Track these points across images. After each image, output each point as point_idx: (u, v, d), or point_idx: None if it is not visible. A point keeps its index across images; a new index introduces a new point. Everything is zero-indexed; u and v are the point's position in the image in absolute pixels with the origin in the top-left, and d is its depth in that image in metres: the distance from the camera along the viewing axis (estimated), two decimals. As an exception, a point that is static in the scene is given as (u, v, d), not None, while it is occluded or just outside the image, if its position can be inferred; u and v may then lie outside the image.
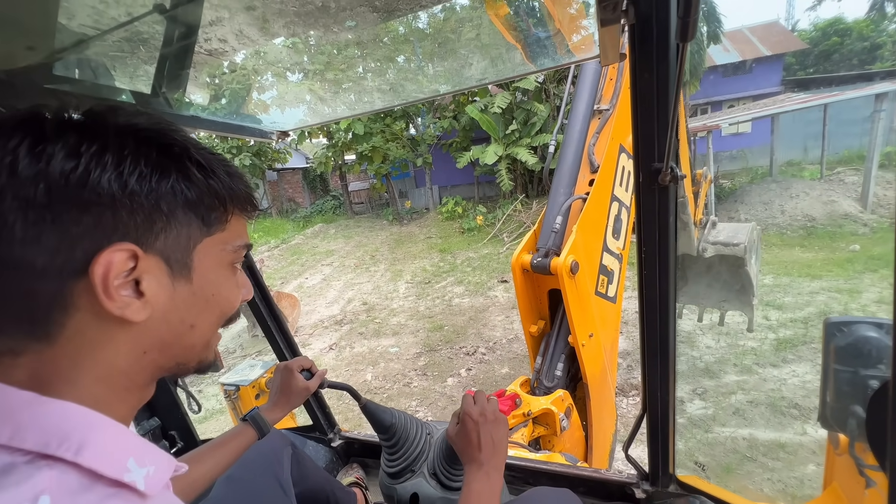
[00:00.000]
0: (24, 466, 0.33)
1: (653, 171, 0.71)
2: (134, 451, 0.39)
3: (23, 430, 0.34)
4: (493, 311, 6.43)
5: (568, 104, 2.12)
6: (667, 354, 0.90)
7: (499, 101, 10.34)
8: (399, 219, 13.70)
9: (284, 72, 1.42)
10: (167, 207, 0.40)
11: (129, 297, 0.38)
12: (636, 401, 3.95)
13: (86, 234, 0.36)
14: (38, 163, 0.34)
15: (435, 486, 1.06)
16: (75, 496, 0.33)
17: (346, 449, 1.63)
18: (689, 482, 1.07)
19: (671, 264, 0.80)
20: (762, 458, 3.16)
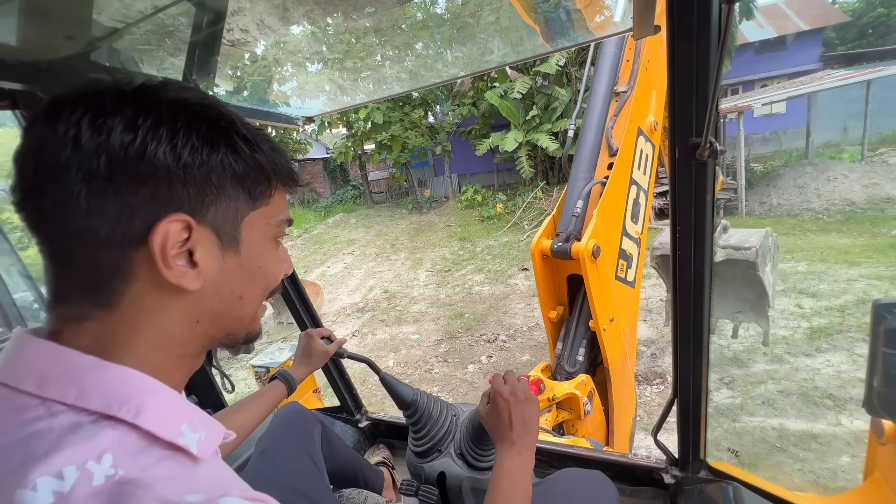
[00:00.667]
0: (88, 425, 0.34)
1: (690, 147, 0.69)
2: (187, 416, 0.40)
3: (87, 391, 0.36)
4: (514, 299, 6.40)
5: (587, 88, 2.08)
6: (700, 338, 0.87)
7: (519, 86, 10.13)
8: (418, 208, 13.72)
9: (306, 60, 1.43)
10: (217, 180, 0.41)
11: (184, 266, 0.40)
12: (661, 389, 3.89)
13: (144, 204, 0.37)
14: (100, 135, 0.36)
15: (462, 466, 1.07)
16: (135, 456, 0.35)
17: (372, 430, 1.67)
18: (720, 468, 1.05)
19: (707, 245, 0.77)
20: (793, 449, 3.08)
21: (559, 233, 1.76)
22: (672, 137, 0.71)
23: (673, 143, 0.71)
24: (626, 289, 1.91)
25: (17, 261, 3.53)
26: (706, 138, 0.66)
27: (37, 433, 0.33)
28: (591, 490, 0.88)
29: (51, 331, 0.39)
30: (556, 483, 0.89)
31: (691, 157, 0.69)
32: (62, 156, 0.35)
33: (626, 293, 1.91)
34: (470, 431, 1.08)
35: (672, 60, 0.65)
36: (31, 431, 0.33)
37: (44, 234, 0.38)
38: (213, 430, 0.42)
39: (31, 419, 0.34)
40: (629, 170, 1.89)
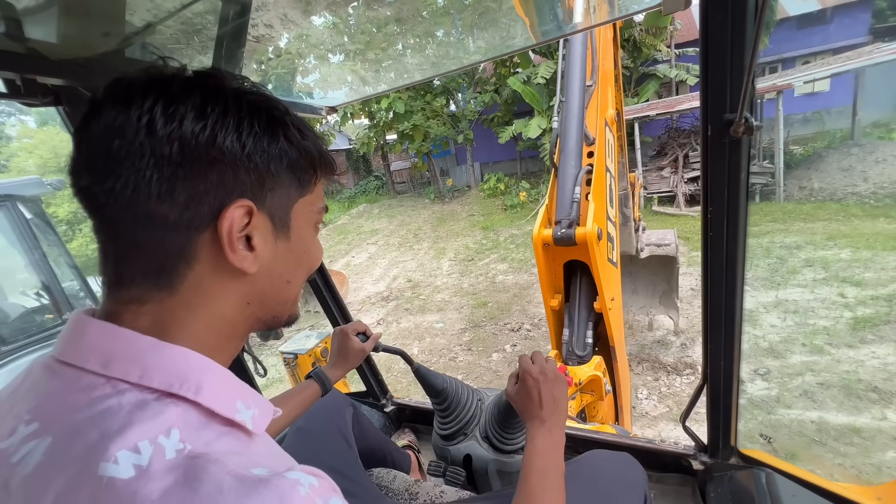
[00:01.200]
0: (154, 402, 0.36)
1: (723, 123, 0.66)
2: (241, 394, 0.42)
3: (150, 371, 0.37)
4: (538, 288, 6.30)
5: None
6: (732, 323, 0.85)
7: (542, 70, 9.88)
8: (441, 197, 13.71)
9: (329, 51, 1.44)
10: (275, 168, 0.42)
11: (244, 250, 0.41)
12: (691, 380, 3.79)
13: (212, 190, 0.39)
14: (173, 122, 0.37)
15: (487, 449, 1.09)
16: (198, 431, 0.36)
17: (397, 414, 1.70)
18: (752, 455, 1.03)
19: (741, 226, 0.75)
20: (833, 443, 2.95)
21: (559, 220, 1.77)
22: (704, 114, 0.69)
23: (705, 119, 0.69)
24: (614, 269, 2.00)
25: (64, 252, 3.76)
26: (741, 113, 0.63)
27: (108, 410, 0.34)
28: (619, 470, 0.88)
29: (109, 312, 0.41)
30: (584, 463, 0.89)
31: (725, 134, 0.66)
32: (136, 141, 0.36)
33: (615, 274, 2.00)
34: (495, 415, 1.09)
35: (705, 32, 0.62)
36: (103, 408, 0.35)
37: (110, 217, 0.39)
38: (264, 407, 0.44)
39: (99, 397, 0.35)
40: (604, 157, 2.00)
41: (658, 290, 4.19)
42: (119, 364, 0.37)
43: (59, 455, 0.33)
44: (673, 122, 10.50)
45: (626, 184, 3.47)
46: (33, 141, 14.64)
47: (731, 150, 0.68)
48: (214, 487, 0.31)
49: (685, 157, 8.96)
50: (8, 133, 18.08)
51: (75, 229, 13.53)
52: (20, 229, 3.28)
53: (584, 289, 1.89)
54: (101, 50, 0.89)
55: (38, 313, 3.47)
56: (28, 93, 0.71)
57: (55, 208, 12.71)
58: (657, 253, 3.76)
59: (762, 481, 0.89)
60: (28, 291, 3.55)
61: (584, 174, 1.85)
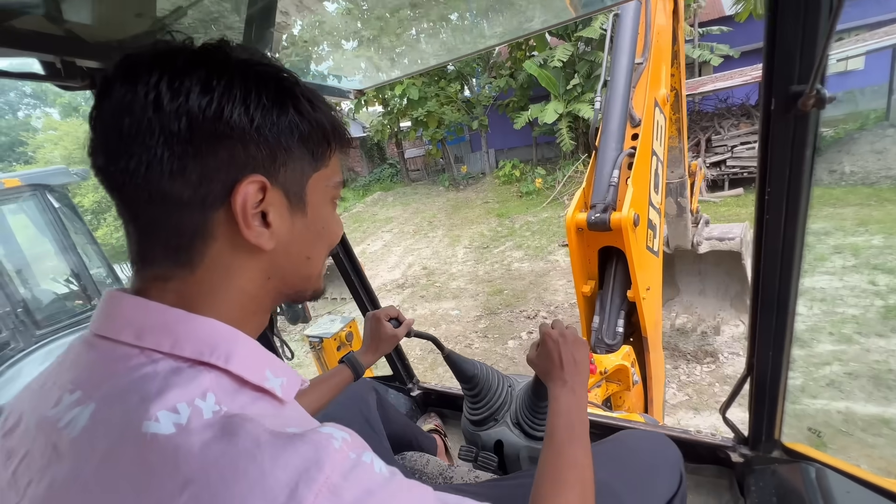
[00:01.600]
0: (188, 369, 0.37)
1: (791, 96, 0.62)
2: (269, 363, 0.43)
3: (181, 341, 0.38)
4: (555, 276, 6.29)
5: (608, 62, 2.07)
6: (785, 310, 0.81)
7: (559, 53, 9.63)
8: (455, 184, 13.62)
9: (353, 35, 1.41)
10: (286, 141, 0.41)
11: (260, 227, 0.41)
12: (711, 368, 3.73)
13: (223, 166, 0.38)
14: (179, 97, 0.36)
15: (518, 435, 1.08)
16: (232, 396, 0.38)
17: (423, 398, 1.71)
18: (797, 449, 0.99)
19: (802, 209, 0.70)
20: (860, 434, 2.88)
21: (594, 204, 1.72)
22: (767, 86, 0.64)
23: (768, 92, 0.64)
24: (654, 258, 1.92)
25: (91, 240, 3.86)
26: (813, 84, 0.58)
27: (145, 376, 0.36)
28: (655, 449, 0.86)
29: (137, 289, 0.41)
30: (618, 443, 0.88)
31: (791, 108, 0.62)
32: (145, 118, 0.36)
33: (654, 263, 1.92)
34: (526, 401, 1.08)
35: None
36: (140, 375, 0.36)
37: (127, 197, 0.40)
38: (291, 375, 0.45)
39: (135, 366, 0.37)
40: (651, 141, 1.90)
41: (730, 291, 3.84)
42: (151, 335, 0.38)
43: (102, 418, 0.35)
44: (695, 105, 10.16)
45: (684, 172, 3.15)
46: (58, 132, 14.98)
47: (797, 126, 0.64)
48: (252, 441, 0.33)
49: (707, 141, 8.69)
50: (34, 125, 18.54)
51: (100, 218, 13.90)
52: (50, 218, 3.37)
53: (618, 276, 1.84)
54: (133, 32, 0.88)
55: (68, 299, 3.59)
56: (68, 75, 0.71)
57: (80, 198, 13.05)
58: (718, 248, 3.43)
59: (811, 476, 0.86)
60: (59, 278, 3.67)
61: (626, 157, 1.78)
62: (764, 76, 0.64)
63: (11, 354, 2.75)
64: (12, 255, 3.44)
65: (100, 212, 13.80)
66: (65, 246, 3.42)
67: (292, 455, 0.32)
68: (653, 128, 1.93)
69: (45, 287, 3.65)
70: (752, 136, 8.11)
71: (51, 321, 3.17)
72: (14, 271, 3.35)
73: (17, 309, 2.94)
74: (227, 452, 0.32)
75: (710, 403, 3.28)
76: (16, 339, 2.87)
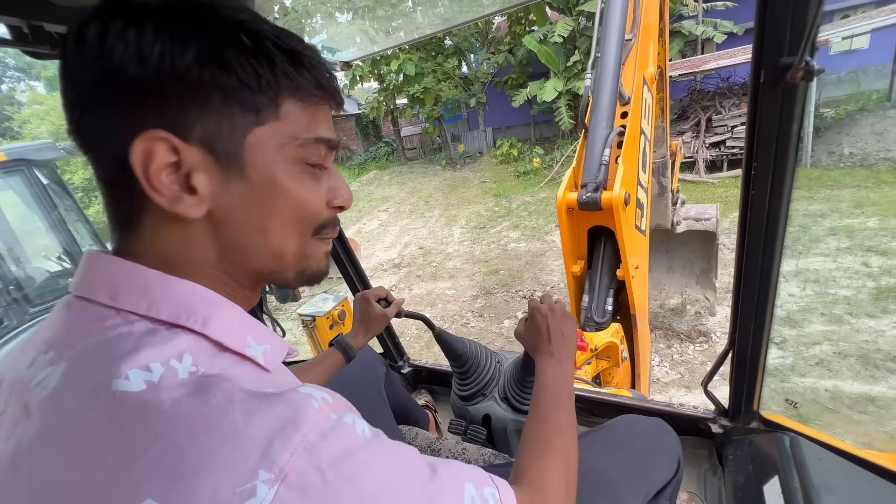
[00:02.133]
0: (164, 331, 0.36)
1: (780, 68, 0.60)
2: (251, 329, 0.41)
3: (157, 302, 0.37)
4: (551, 256, 6.31)
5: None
6: (767, 285, 0.81)
7: (560, 28, 9.38)
8: (452, 164, 13.48)
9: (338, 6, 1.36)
10: (200, 91, 0.35)
11: (179, 191, 0.36)
12: (704, 347, 3.79)
13: (122, 122, 0.35)
14: (82, 46, 0.34)
15: (506, 409, 1.10)
16: (211, 359, 0.37)
17: (414, 376, 1.73)
18: (774, 420, 1.02)
19: (787, 182, 0.70)
20: (846, 411, 2.96)
21: (585, 184, 1.71)
22: (757, 59, 0.63)
23: (758, 64, 0.63)
24: (642, 237, 1.93)
25: (82, 218, 3.82)
26: (802, 57, 0.57)
27: (118, 336, 0.35)
28: (655, 435, 0.88)
29: (114, 249, 0.41)
30: (618, 429, 0.88)
31: (780, 81, 0.60)
32: (66, 72, 0.35)
33: (642, 242, 1.94)
34: (514, 376, 1.10)
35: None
36: (114, 335, 0.35)
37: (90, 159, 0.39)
38: (276, 343, 0.43)
39: (110, 326, 0.36)
40: (639, 119, 1.88)
41: (695, 269, 3.96)
42: (127, 296, 0.37)
43: (74, 378, 0.34)
44: (696, 84, 10.00)
45: (666, 151, 3.20)
46: (44, 107, 14.64)
47: (784, 99, 0.63)
48: (225, 398, 0.32)
49: (708, 121, 8.58)
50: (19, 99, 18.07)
51: (91, 196, 13.73)
52: (38, 194, 3.32)
53: (607, 255, 1.85)
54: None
55: (61, 277, 3.58)
56: (36, 40, 0.68)
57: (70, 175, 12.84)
58: (695, 228, 3.50)
59: (786, 445, 0.88)
60: (50, 256, 3.65)
61: (616, 135, 1.76)
62: (754, 48, 0.63)
63: (4, 332, 2.76)
64: (3, 233, 3.41)
65: (91, 189, 13.63)
66: (55, 223, 3.39)
67: (268, 413, 0.31)
68: (641, 106, 1.92)
69: (37, 265, 3.63)
70: (752, 116, 8.01)
71: (44, 298, 3.18)
72: (5, 249, 3.32)
73: (9, 286, 2.93)
74: (199, 409, 0.31)
75: (699, 381, 3.36)
76: (9, 316, 2.88)
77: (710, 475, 1.12)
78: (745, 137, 0.70)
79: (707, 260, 3.83)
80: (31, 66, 18.24)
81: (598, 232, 1.88)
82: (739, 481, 0.95)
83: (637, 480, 0.77)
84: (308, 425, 0.32)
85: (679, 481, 0.86)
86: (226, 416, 0.31)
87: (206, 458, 0.29)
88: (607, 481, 0.74)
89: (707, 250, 3.76)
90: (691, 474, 1.18)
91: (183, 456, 0.29)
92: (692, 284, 4.02)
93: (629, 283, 1.80)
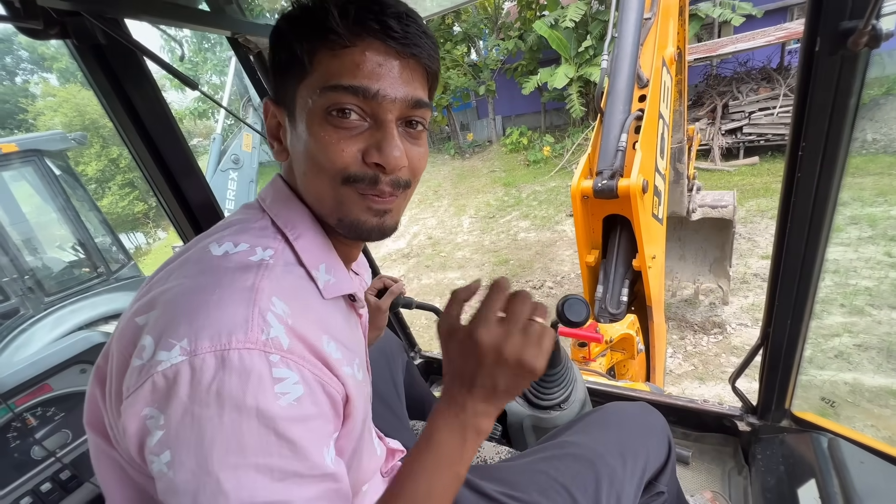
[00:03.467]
0: (272, 231, 0.49)
1: (839, 34, 0.54)
2: (327, 260, 0.50)
3: (281, 213, 0.50)
4: (561, 246, 6.23)
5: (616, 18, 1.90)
6: (809, 276, 0.76)
7: (571, 12, 9.13)
8: (461, 153, 13.34)
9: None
10: (277, 57, 0.47)
11: (276, 143, 0.52)
12: (719, 339, 3.72)
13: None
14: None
15: (522, 405, 1.06)
16: (286, 266, 0.46)
17: (425, 367, 1.70)
18: (807, 418, 0.97)
19: (839, 164, 0.64)
20: (866, 404, 2.88)
21: (600, 171, 1.64)
22: (812, 24, 0.56)
23: (813, 30, 0.56)
24: (659, 226, 1.87)
25: (94, 208, 3.83)
26: (868, 20, 0.51)
27: (247, 219, 0.50)
28: (639, 418, 0.83)
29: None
30: (603, 413, 0.84)
31: (840, 48, 0.54)
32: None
33: (659, 231, 1.88)
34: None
35: None
36: (247, 220, 0.50)
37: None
38: (343, 279, 0.51)
39: (252, 216, 0.51)
40: (658, 103, 1.79)
41: (709, 258, 3.84)
42: (272, 204, 0.51)
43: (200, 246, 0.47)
44: (713, 69, 9.70)
45: (683, 136, 3.09)
46: (57, 99, 14.73)
47: (843, 69, 0.56)
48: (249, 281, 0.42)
49: (724, 107, 8.34)
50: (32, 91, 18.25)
51: (105, 187, 13.87)
52: (50, 184, 3.33)
53: (623, 244, 1.80)
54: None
55: (75, 267, 3.60)
56: (28, 15, 0.64)
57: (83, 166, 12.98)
58: (711, 215, 3.39)
59: (822, 446, 0.83)
60: (64, 246, 3.67)
61: (633, 120, 1.68)
62: (808, 14, 0.56)
63: (20, 322, 2.79)
64: (18, 223, 3.43)
65: (104, 180, 13.75)
66: (68, 213, 3.40)
67: (242, 309, 0.38)
68: (660, 89, 1.83)
69: (51, 255, 3.66)
70: (771, 102, 7.77)
71: (59, 288, 3.20)
72: (21, 239, 3.35)
73: (24, 276, 2.96)
74: (227, 273, 0.42)
75: (716, 374, 3.29)
76: (25, 305, 2.90)
77: (736, 474, 1.08)
78: (793, 115, 0.63)
79: (721, 248, 3.71)
80: (43, 57, 18.36)
81: (613, 220, 1.83)
82: (769, 482, 0.90)
83: (631, 462, 0.74)
84: (243, 351, 0.36)
85: (674, 466, 0.82)
86: (231, 286, 0.40)
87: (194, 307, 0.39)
88: (605, 464, 0.71)
89: (721, 238, 3.65)
90: (714, 472, 1.13)
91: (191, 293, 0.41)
92: (705, 273, 3.91)
93: (645, 274, 1.75)
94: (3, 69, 18.95)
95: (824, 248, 0.73)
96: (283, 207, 0.50)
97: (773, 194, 6.37)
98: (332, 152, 0.44)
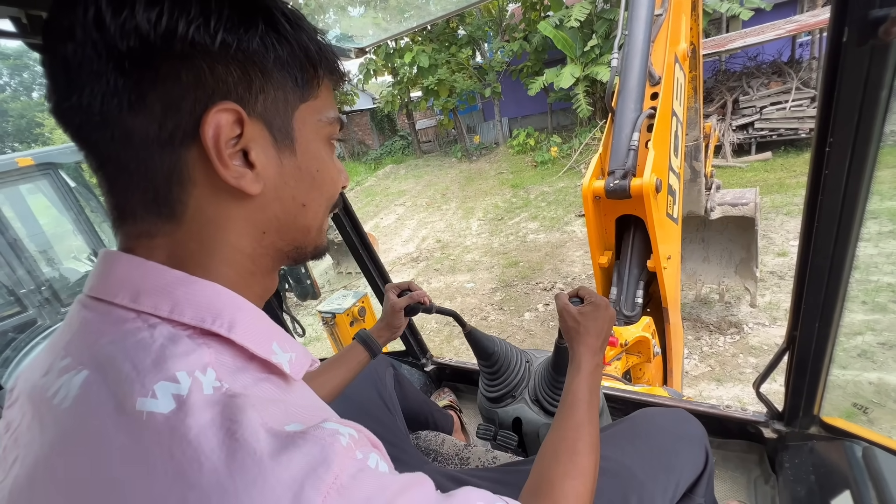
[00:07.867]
0: (186, 339, 0.34)
1: (869, 23, 0.51)
2: (276, 335, 0.40)
3: (180, 305, 0.35)
4: (571, 247, 6.17)
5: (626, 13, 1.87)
6: (839, 277, 0.72)
7: (576, 12, 9.09)
8: (468, 155, 13.34)
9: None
10: (261, 63, 0.36)
11: (241, 167, 0.36)
12: (735, 339, 3.63)
13: (188, 92, 0.33)
14: (122, 12, 0.30)
15: (537, 412, 1.03)
16: (234, 374, 0.34)
17: (437, 373, 1.68)
18: (838, 425, 0.93)
19: (869, 160, 0.60)
20: (892, 405, 2.79)
21: (612, 171, 1.61)
22: (839, 14, 0.53)
23: (840, 20, 0.53)
24: (674, 226, 1.83)
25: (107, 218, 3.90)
26: (901, 6, 0.48)
27: (139, 343, 0.33)
28: (676, 426, 0.81)
29: (124, 248, 0.37)
30: (637, 422, 0.82)
31: (869, 37, 0.51)
32: (88, 40, 0.31)
33: (674, 231, 1.83)
34: (545, 377, 1.03)
35: None
36: (134, 341, 0.33)
37: (88, 138, 0.35)
38: (300, 352, 0.42)
39: (130, 330, 0.34)
40: (671, 100, 1.75)
41: (734, 259, 3.72)
42: (148, 298, 0.35)
43: (94, 388, 0.32)
44: (721, 64, 9.57)
45: (699, 133, 3.01)
46: (71, 112, 15.07)
47: (873, 60, 0.53)
48: (250, 432, 0.29)
49: (734, 103, 8.21)
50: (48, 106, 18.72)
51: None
52: (66, 196, 3.40)
53: (636, 245, 1.76)
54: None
55: (91, 277, 3.66)
56: (35, 31, 0.64)
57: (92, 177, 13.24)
58: (732, 213, 3.28)
59: (857, 455, 0.79)
60: (80, 256, 3.74)
61: (645, 118, 1.65)
62: (836, 1, 0.53)
63: (37, 333, 2.83)
64: (35, 235, 3.50)
65: (119, 191, 13.97)
66: (82, 224, 3.46)
67: (295, 453, 0.29)
68: (673, 86, 1.79)
69: (67, 265, 3.73)
70: (783, 96, 7.63)
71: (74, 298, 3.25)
72: (37, 250, 3.41)
73: (41, 287, 3.01)
74: (224, 445, 0.29)
75: (734, 375, 3.22)
76: (42, 316, 2.96)
77: (762, 483, 1.04)
78: (818, 109, 0.60)
79: (746, 248, 3.58)
80: (57, 72, 18.85)
81: (627, 221, 1.79)
82: (799, 492, 0.86)
83: (663, 476, 0.72)
84: (339, 466, 0.30)
85: (711, 475, 0.79)
86: (252, 457, 0.28)
87: (231, 500, 0.27)
88: (633, 478, 0.69)
89: (746, 238, 3.52)
90: (739, 481, 1.09)
91: (208, 499, 0.27)
92: (731, 274, 3.77)
93: (660, 275, 1.71)
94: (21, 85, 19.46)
95: (854, 248, 0.70)
96: (181, 296, 0.35)
97: (787, 190, 6.25)
98: (337, 177, 0.45)
